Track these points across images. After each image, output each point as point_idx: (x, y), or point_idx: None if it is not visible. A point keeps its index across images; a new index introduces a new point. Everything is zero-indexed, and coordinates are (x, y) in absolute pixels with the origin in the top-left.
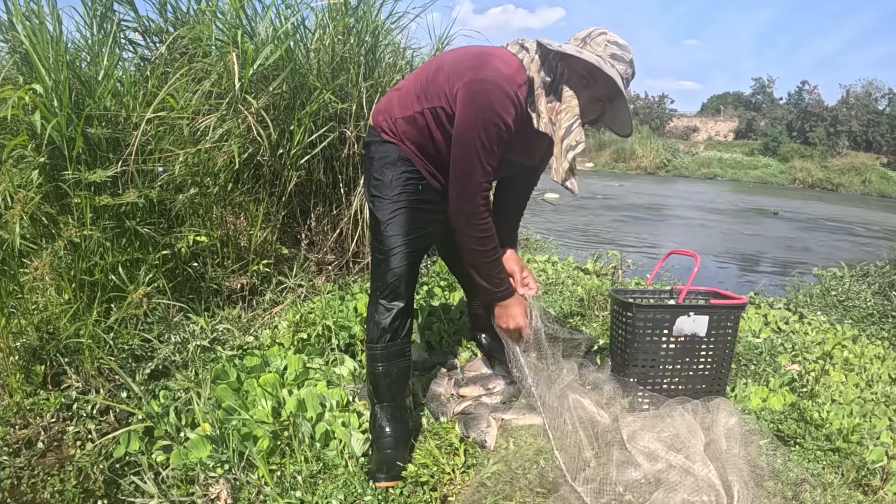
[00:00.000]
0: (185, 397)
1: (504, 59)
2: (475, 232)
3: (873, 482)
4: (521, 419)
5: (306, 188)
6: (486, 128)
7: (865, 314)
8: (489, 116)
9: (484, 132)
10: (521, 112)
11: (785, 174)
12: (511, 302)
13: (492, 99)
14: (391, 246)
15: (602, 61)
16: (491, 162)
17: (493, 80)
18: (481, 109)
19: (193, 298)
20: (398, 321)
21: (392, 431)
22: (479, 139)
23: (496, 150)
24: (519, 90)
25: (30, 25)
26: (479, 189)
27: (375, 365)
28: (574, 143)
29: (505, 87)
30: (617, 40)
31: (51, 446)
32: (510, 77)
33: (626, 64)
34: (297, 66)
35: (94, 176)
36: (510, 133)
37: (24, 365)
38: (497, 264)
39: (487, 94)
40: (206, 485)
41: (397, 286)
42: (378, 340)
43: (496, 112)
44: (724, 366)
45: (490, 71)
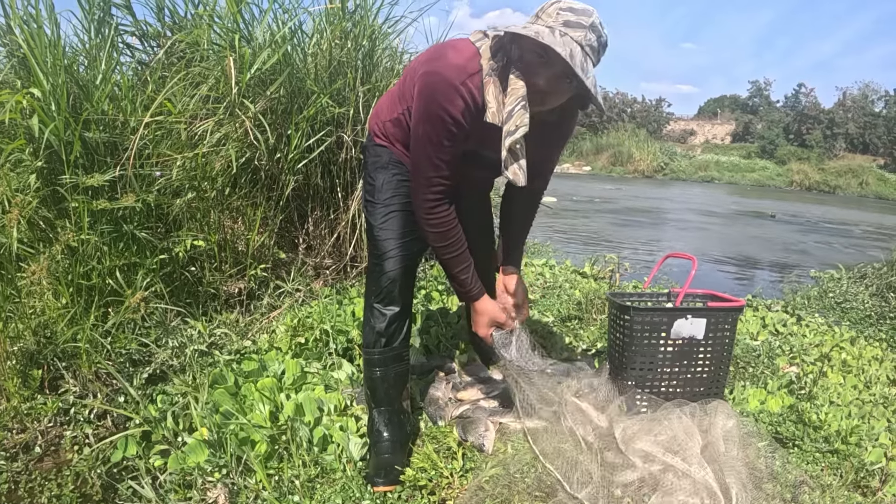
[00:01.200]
0: (182, 402)
1: (459, 48)
2: (429, 227)
3: (872, 484)
4: (520, 422)
5: (304, 192)
6: (432, 121)
7: (863, 316)
8: (433, 109)
9: (430, 125)
10: (474, 102)
11: (782, 177)
12: (477, 308)
13: (436, 91)
14: (385, 250)
15: (549, 32)
16: (441, 156)
17: (440, 72)
18: (427, 102)
19: (191, 303)
20: (394, 325)
21: (390, 436)
22: (425, 133)
23: (445, 144)
24: (469, 79)
25: (28, 29)
26: (428, 183)
27: (373, 369)
28: (513, 129)
29: (450, 78)
30: (572, 5)
31: (48, 451)
32: (460, 67)
33: (585, 29)
34: (294, 71)
35: (92, 180)
36: (459, 126)
37: (21, 369)
38: (458, 262)
39: (433, 86)
40: (203, 489)
41: (391, 290)
42: (374, 345)
43: (440, 104)
44: (722, 368)
45: (440, 62)
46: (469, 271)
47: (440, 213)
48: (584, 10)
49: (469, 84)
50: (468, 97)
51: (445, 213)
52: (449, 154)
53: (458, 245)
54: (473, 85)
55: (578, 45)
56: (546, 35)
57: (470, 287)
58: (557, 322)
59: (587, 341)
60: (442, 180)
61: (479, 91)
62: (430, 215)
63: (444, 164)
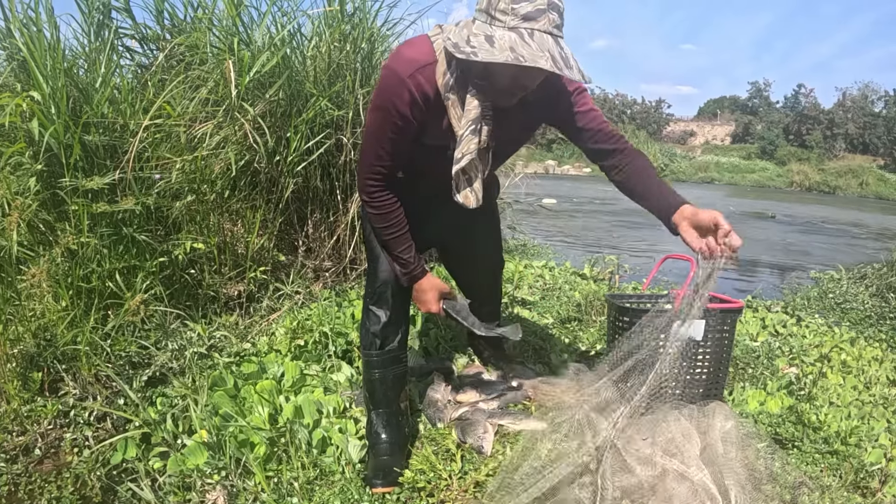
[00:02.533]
0: (182, 404)
1: (413, 43)
2: (371, 209)
3: (872, 484)
4: (519, 424)
5: (303, 195)
6: (380, 111)
7: (863, 316)
8: (382, 100)
9: (378, 115)
10: (423, 97)
11: (782, 177)
12: (422, 286)
13: (385, 84)
14: (378, 252)
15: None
16: (384, 146)
17: (391, 66)
18: (378, 93)
19: (191, 305)
20: (388, 328)
21: (388, 437)
22: (373, 121)
23: (389, 136)
24: (419, 71)
25: (28, 33)
26: (370, 170)
27: (371, 371)
28: (459, 156)
29: (399, 72)
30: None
31: (48, 453)
32: (411, 60)
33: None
34: (293, 74)
35: (92, 183)
36: (405, 120)
37: (21, 372)
38: (400, 243)
39: (384, 79)
40: (202, 491)
41: (384, 292)
42: (370, 347)
43: (387, 97)
44: (721, 370)
45: (395, 57)
46: (411, 251)
47: (381, 197)
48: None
49: (418, 76)
50: (416, 91)
51: (387, 198)
52: (391, 145)
53: (399, 226)
54: (424, 78)
55: (548, 35)
56: (520, 47)
57: (413, 266)
58: (557, 324)
59: (587, 343)
60: (382, 169)
61: (431, 84)
62: (372, 199)
63: (387, 154)
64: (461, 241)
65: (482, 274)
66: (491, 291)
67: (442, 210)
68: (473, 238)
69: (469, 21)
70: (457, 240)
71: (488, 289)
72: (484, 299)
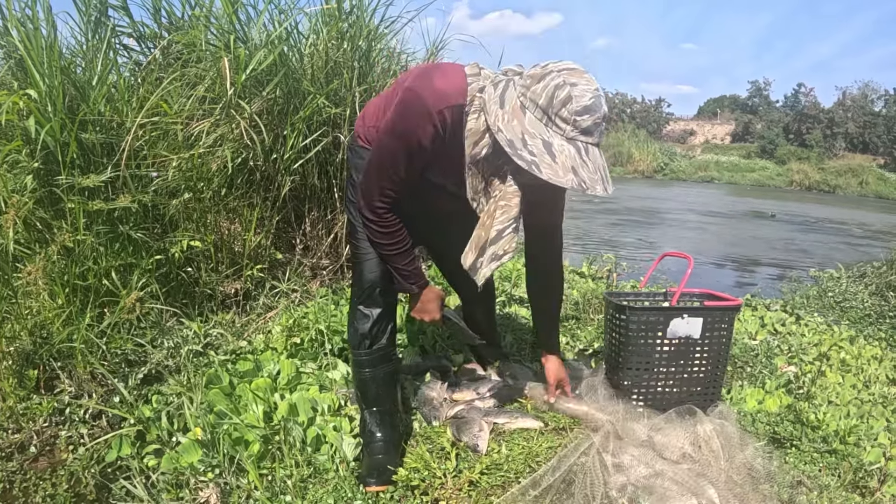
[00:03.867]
0: (177, 402)
1: (447, 74)
2: (378, 228)
3: (871, 484)
4: (514, 423)
5: (300, 193)
6: (399, 137)
7: (862, 315)
8: (403, 126)
9: (396, 140)
10: (444, 134)
11: (782, 176)
12: (426, 296)
13: (411, 110)
14: (366, 251)
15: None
16: (398, 171)
17: (420, 93)
18: (400, 118)
19: (187, 303)
20: (377, 327)
21: (382, 436)
22: (389, 145)
23: (401, 162)
24: (447, 109)
25: (24, 31)
26: (380, 192)
27: (361, 370)
28: (501, 253)
29: (427, 103)
30: (584, 104)
31: (43, 451)
32: (442, 93)
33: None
34: (290, 71)
35: (88, 181)
36: (423, 150)
37: (16, 369)
38: (405, 256)
39: (410, 104)
40: (195, 489)
41: (372, 292)
42: (359, 346)
43: (410, 125)
44: (719, 368)
45: (424, 82)
46: (415, 263)
47: (387, 218)
48: (594, 104)
49: (446, 113)
50: (440, 126)
51: (393, 218)
52: (404, 171)
53: (404, 242)
54: (451, 116)
55: (596, 148)
56: (580, 169)
57: (417, 278)
58: None
59: (584, 341)
60: (392, 192)
61: (456, 125)
62: (379, 219)
63: (399, 179)
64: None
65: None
66: (485, 293)
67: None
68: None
69: (517, 105)
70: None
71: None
72: (479, 300)
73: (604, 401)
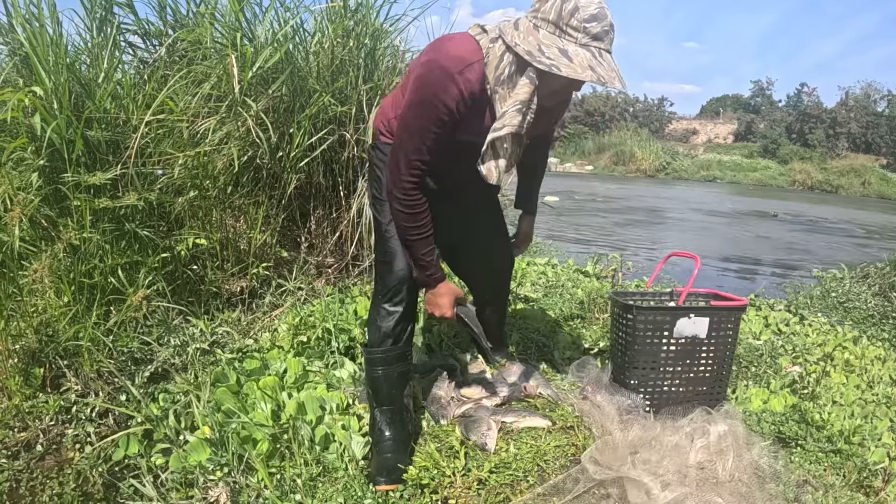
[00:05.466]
0: (184, 400)
1: (457, 40)
2: (403, 207)
3: (875, 483)
4: (522, 422)
5: (306, 191)
6: (424, 106)
7: (866, 315)
8: (427, 95)
9: (422, 110)
10: (470, 93)
11: (784, 176)
12: (440, 290)
13: (431, 79)
14: (393, 249)
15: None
16: (426, 142)
17: (437, 61)
18: (422, 88)
19: (193, 301)
20: (400, 325)
21: (392, 435)
22: (416, 117)
23: (432, 130)
24: (467, 69)
25: (30, 28)
26: (409, 166)
27: (375, 369)
28: (499, 126)
29: (447, 67)
30: (591, 12)
31: (50, 449)
32: (458, 57)
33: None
34: (296, 69)
35: (94, 178)
36: (450, 114)
37: (23, 368)
38: (425, 245)
39: (429, 74)
40: (205, 488)
41: (399, 289)
42: (380, 344)
43: (434, 91)
44: (724, 368)
45: (438, 53)
46: (433, 254)
47: (415, 196)
48: (601, 13)
49: (467, 73)
50: (464, 87)
51: (419, 197)
52: (433, 140)
53: (426, 228)
54: (472, 75)
55: (609, 54)
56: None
57: (434, 269)
58: (560, 321)
59: (590, 340)
60: (421, 164)
61: (478, 81)
62: (406, 196)
63: (428, 149)
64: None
65: (489, 275)
66: (499, 292)
67: (453, 212)
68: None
69: (529, 26)
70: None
71: (496, 289)
72: (492, 301)
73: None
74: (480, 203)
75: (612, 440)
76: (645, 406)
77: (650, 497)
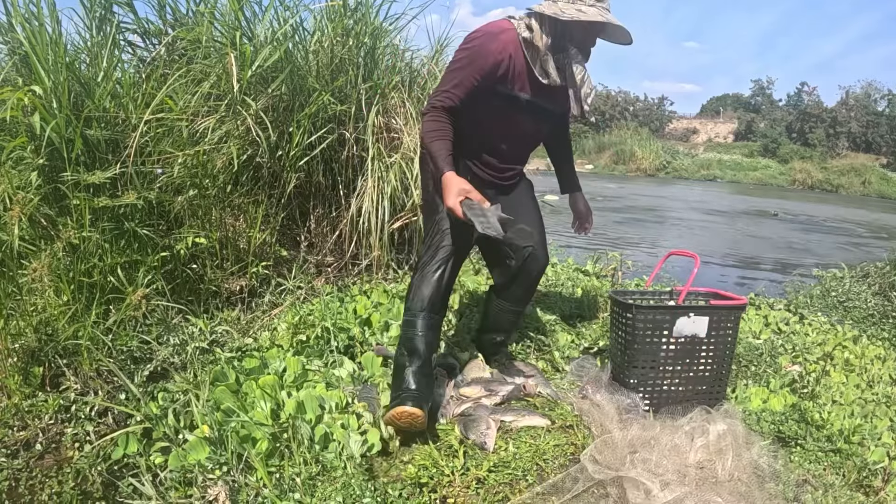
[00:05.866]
0: (183, 399)
1: (491, 23)
2: (427, 119)
3: (874, 483)
4: (521, 421)
5: (305, 190)
6: (468, 57)
7: (866, 315)
8: (471, 51)
9: (464, 61)
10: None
11: (784, 175)
12: (447, 180)
13: (476, 40)
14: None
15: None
16: (463, 82)
17: (479, 30)
18: (467, 47)
19: (192, 300)
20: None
21: (417, 388)
22: (457, 60)
23: (468, 75)
24: (503, 33)
25: (29, 27)
26: (439, 94)
27: (414, 330)
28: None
29: (489, 31)
30: None
31: (49, 448)
32: (496, 25)
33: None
34: (295, 68)
35: (93, 177)
36: (490, 65)
37: (22, 367)
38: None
39: (474, 38)
40: (204, 487)
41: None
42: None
43: (479, 41)
44: (724, 367)
45: (478, 30)
46: (446, 150)
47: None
48: None
49: (503, 36)
50: (503, 45)
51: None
52: (469, 83)
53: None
54: (508, 38)
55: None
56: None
57: (446, 163)
58: (559, 320)
59: (589, 339)
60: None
61: (514, 44)
62: (433, 112)
63: (459, 88)
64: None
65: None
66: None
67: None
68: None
69: (551, 2)
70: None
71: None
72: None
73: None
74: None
75: (612, 439)
76: (644, 405)
77: (649, 496)
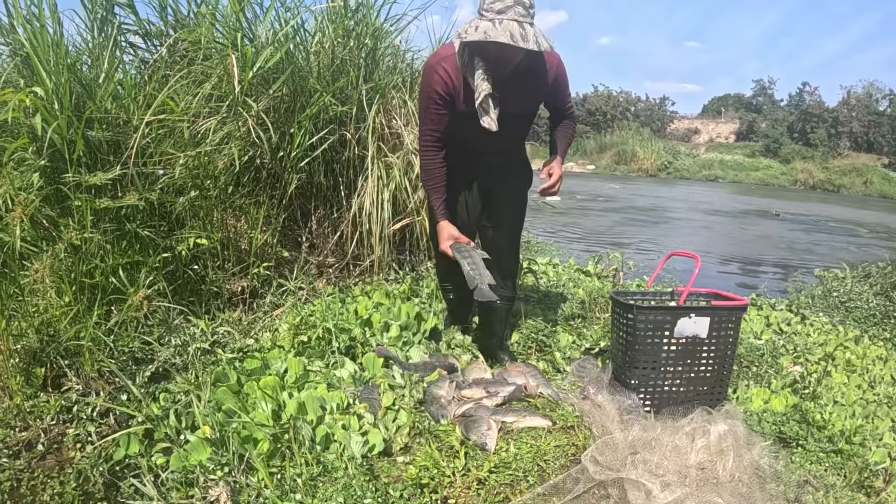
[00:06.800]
0: (185, 400)
1: (440, 48)
2: (422, 160)
3: (876, 484)
4: (522, 421)
5: (307, 191)
6: (422, 94)
7: (867, 315)
8: (422, 86)
9: (421, 97)
10: (449, 78)
11: (786, 175)
12: (440, 227)
13: (424, 74)
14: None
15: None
16: (430, 116)
17: (427, 62)
18: (420, 83)
19: (194, 301)
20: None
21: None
22: (419, 101)
23: (431, 109)
24: (443, 60)
25: (31, 28)
26: (422, 135)
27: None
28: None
29: (430, 63)
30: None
31: (51, 449)
32: (437, 55)
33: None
34: (297, 69)
35: (95, 179)
36: (439, 95)
37: (24, 367)
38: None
39: (423, 72)
40: (205, 487)
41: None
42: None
43: (425, 82)
44: (725, 367)
45: (427, 60)
46: (440, 200)
47: (430, 156)
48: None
49: (443, 64)
50: (443, 74)
51: (434, 157)
52: (437, 115)
53: (438, 181)
54: (448, 65)
55: (514, 21)
56: (490, 31)
57: (441, 212)
58: (561, 321)
59: (591, 340)
60: (431, 133)
61: (454, 69)
62: (425, 152)
63: (432, 122)
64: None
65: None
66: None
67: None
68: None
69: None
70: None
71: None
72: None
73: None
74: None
75: (613, 440)
76: (645, 406)
77: (650, 497)
